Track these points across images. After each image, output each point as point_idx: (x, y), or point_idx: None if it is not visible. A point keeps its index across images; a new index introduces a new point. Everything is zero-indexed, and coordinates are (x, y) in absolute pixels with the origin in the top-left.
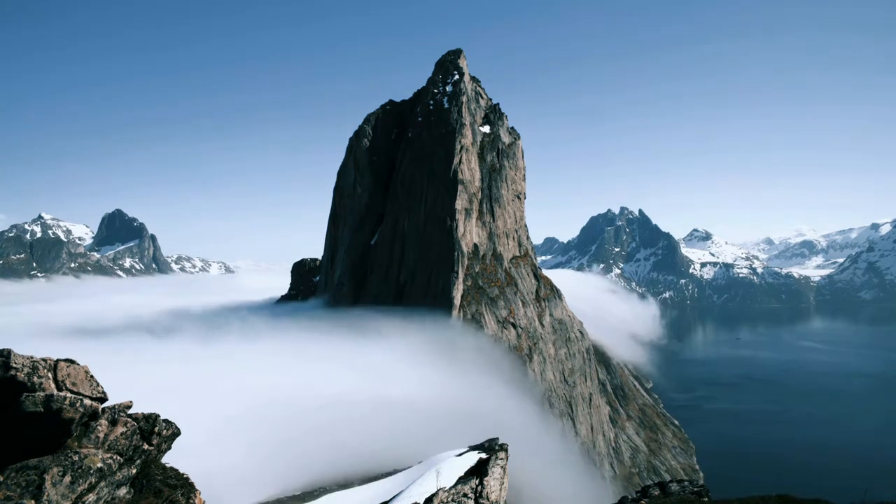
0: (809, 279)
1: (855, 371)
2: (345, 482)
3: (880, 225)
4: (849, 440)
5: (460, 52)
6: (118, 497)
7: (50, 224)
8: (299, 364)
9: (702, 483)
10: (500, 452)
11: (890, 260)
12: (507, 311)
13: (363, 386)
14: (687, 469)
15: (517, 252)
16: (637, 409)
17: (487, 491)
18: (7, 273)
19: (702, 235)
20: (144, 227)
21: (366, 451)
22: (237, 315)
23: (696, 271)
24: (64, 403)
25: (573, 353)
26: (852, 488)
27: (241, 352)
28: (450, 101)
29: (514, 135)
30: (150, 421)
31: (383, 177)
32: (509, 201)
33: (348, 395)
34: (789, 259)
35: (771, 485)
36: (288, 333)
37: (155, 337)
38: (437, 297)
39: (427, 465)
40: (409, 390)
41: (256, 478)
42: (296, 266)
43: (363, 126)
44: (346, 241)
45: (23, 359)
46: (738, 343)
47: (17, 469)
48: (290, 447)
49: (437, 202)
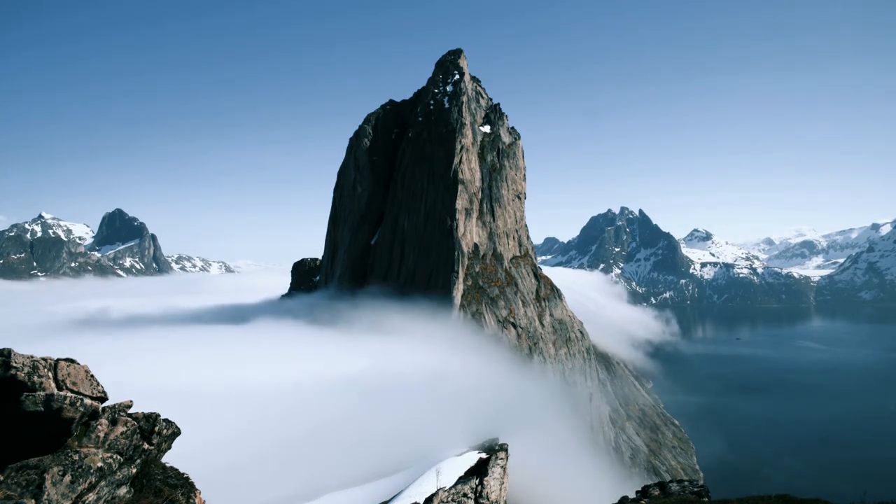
0: (809, 279)
1: (855, 371)
2: (345, 482)
3: (881, 225)
4: (849, 440)
5: (460, 52)
6: (118, 496)
7: (50, 223)
8: (299, 365)
9: (702, 483)
10: (500, 452)
11: (890, 260)
12: (508, 310)
13: (363, 387)
14: (687, 469)
15: (517, 252)
16: (637, 409)
17: (487, 491)
18: (7, 273)
19: (702, 235)
20: (145, 226)
21: (366, 450)
22: (237, 315)
23: (696, 271)
24: (64, 403)
25: (573, 353)
26: (852, 488)
27: (241, 352)
28: (450, 101)
29: (515, 135)
30: (151, 420)
31: (383, 176)
32: (509, 201)
33: (348, 396)
34: (789, 259)
35: (771, 485)
36: (288, 332)
37: (154, 337)
38: (438, 297)
39: (427, 465)
40: (409, 387)
41: (257, 477)
42: (296, 266)
43: (363, 126)
44: (346, 240)
45: (23, 358)
46: (738, 343)
47: (17, 468)
48: (291, 447)
49: (438, 202)
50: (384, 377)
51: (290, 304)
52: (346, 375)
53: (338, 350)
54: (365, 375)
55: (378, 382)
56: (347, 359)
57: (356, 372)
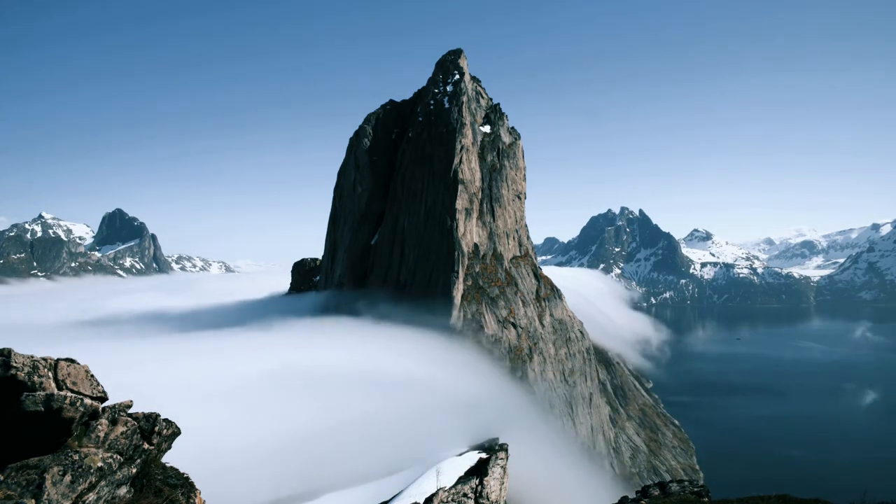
0: (810, 279)
1: (855, 371)
2: (345, 482)
3: (881, 225)
4: (848, 440)
5: (461, 51)
6: (118, 496)
7: (50, 223)
8: (299, 365)
9: (702, 483)
10: (500, 452)
11: (890, 260)
12: (508, 310)
13: (363, 386)
14: (687, 469)
15: (517, 252)
16: (637, 409)
17: (487, 491)
18: (7, 272)
19: (702, 235)
20: (145, 226)
21: (366, 451)
22: (237, 315)
23: (696, 271)
24: (64, 403)
25: (573, 353)
26: (852, 488)
27: (241, 353)
28: (450, 101)
29: (515, 135)
30: (151, 420)
31: (383, 176)
32: (509, 201)
33: (349, 396)
34: (789, 259)
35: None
36: (288, 332)
37: (153, 336)
38: (438, 297)
39: (427, 465)
40: (409, 387)
41: (257, 477)
42: (296, 266)
43: (363, 126)
44: (346, 240)
45: (23, 358)
46: (739, 343)
47: (17, 468)
48: (291, 447)
49: (438, 202)
50: (383, 379)
51: (290, 304)
52: (347, 376)
53: (338, 351)
54: (365, 376)
55: (376, 384)
56: (347, 359)
57: (357, 372)
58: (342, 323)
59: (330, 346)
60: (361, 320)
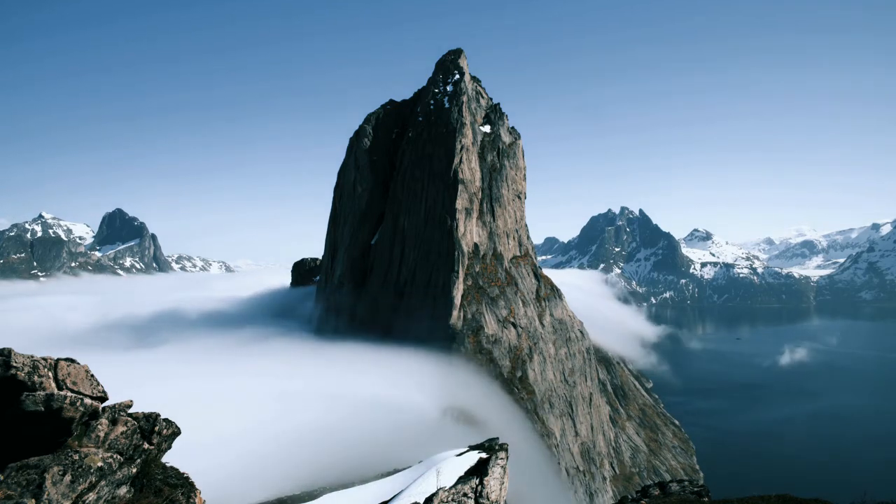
0: (810, 279)
1: (855, 371)
2: (345, 482)
3: (881, 225)
4: (849, 440)
5: (461, 51)
6: (118, 496)
7: (51, 223)
8: (299, 364)
9: (702, 483)
10: (500, 452)
11: (890, 260)
12: (508, 310)
13: (364, 386)
14: (687, 469)
15: (517, 252)
16: (637, 409)
17: (487, 491)
18: (8, 272)
19: (702, 235)
20: (145, 226)
21: (366, 451)
22: (237, 315)
23: (696, 271)
24: (64, 402)
25: (573, 353)
26: (852, 488)
27: (242, 355)
28: (450, 101)
29: (515, 134)
30: (151, 420)
31: (383, 176)
32: (509, 201)
33: (349, 396)
34: (790, 259)
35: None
36: (289, 334)
37: (153, 336)
38: (438, 297)
39: (427, 465)
40: (409, 392)
41: (256, 477)
42: (296, 265)
43: (364, 126)
44: (346, 240)
45: (23, 358)
46: (739, 343)
47: (17, 468)
48: (291, 447)
49: (438, 202)
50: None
51: (290, 304)
52: (346, 375)
53: (337, 351)
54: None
55: (371, 393)
56: (346, 358)
57: (355, 372)
58: (341, 325)
59: (329, 350)
60: (359, 323)
